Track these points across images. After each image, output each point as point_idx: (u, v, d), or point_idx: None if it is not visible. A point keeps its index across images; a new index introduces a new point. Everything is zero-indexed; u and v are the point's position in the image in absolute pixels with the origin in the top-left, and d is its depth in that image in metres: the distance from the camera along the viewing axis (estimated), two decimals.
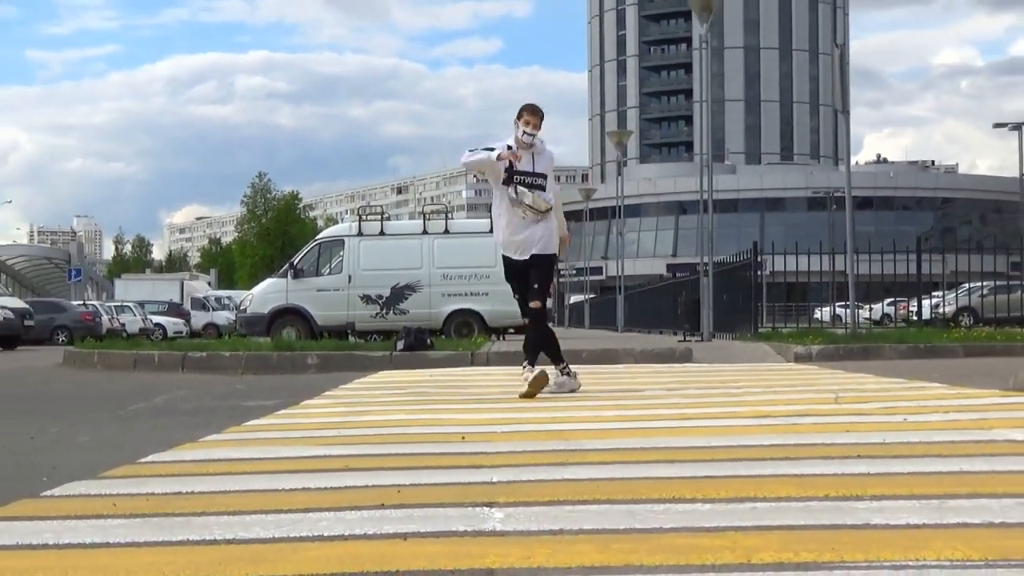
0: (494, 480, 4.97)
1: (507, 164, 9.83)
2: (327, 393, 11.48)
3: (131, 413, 9.92)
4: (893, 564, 3.21)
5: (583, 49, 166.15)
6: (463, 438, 6.74)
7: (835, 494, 4.40)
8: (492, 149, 9.87)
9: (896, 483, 4.68)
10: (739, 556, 3.33)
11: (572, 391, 10.29)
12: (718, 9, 30.86)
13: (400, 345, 17.91)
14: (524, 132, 9.65)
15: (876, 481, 4.76)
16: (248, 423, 8.29)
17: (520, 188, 9.72)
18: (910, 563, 3.21)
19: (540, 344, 10.59)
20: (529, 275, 10.17)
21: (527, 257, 10.10)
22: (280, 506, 4.37)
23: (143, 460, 6.04)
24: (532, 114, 9.83)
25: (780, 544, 3.47)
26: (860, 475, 4.95)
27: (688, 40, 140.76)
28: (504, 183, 9.78)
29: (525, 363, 10.30)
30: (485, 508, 4.21)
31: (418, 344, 17.94)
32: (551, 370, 10.43)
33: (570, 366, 10.69)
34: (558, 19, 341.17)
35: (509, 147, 9.82)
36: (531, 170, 9.78)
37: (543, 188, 9.92)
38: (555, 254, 10.47)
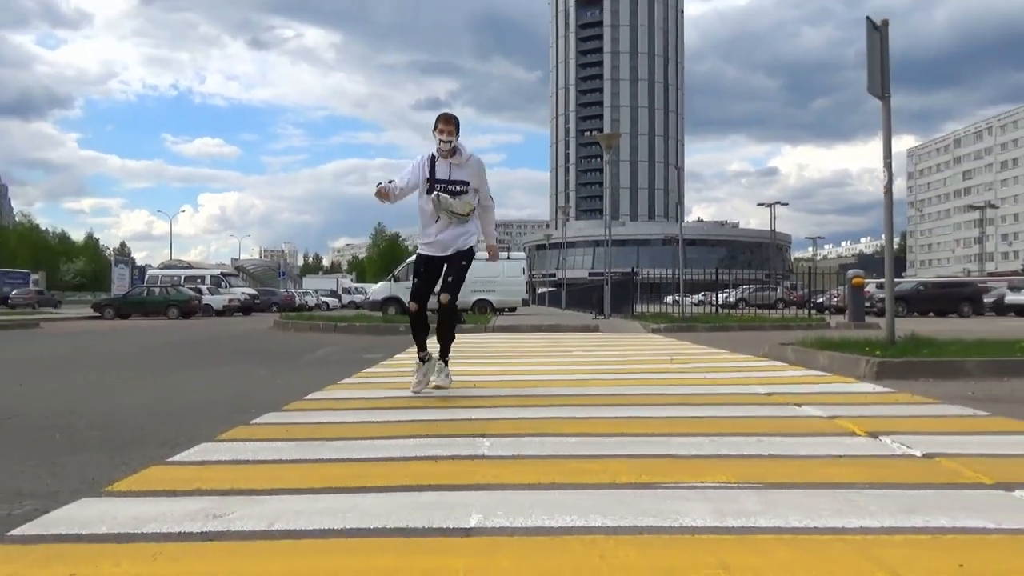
0: (486, 417, 4.70)
1: (427, 175, 6.22)
2: (408, 350, 11.15)
3: (305, 363, 9.63)
4: (688, 484, 3.07)
5: (547, 159, 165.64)
6: (475, 385, 6.59)
7: (662, 431, 4.10)
8: (391, 181, 6.19)
9: (696, 424, 4.40)
10: (610, 477, 3.18)
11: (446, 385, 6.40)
12: (617, 137, 30.82)
13: None
14: (440, 140, 6.10)
15: (685, 423, 4.44)
16: (366, 371, 8.10)
17: (442, 195, 6.16)
18: (696, 484, 3.09)
19: (446, 336, 6.56)
20: (445, 270, 6.38)
21: (447, 254, 6.35)
22: (376, 434, 4.15)
23: (308, 397, 5.77)
24: (446, 122, 6.20)
25: (630, 469, 3.34)
26: (677, 418, 4.64)
27: (601, 156, 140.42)
28: (427, 192, 6.20)
29: (426, 358, 6.35)
30: (480, 438, 4.01)
31: (456, 320, 17.80)
32: (439, 364, 6.50)
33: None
34: (535, 143, 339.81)
35: (433, 155, 6.21)
36: (448, 178, 6.21)
37: (464, 193, 6.25)
38: (471, 249, 6.47)
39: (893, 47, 8.82)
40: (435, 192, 6.08)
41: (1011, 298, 33.59)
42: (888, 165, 8.38)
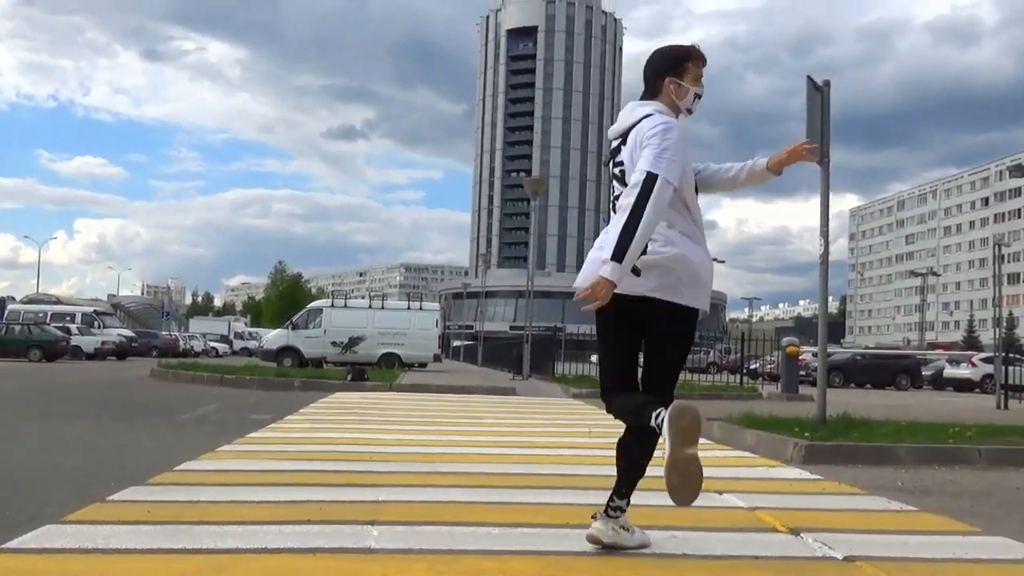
0: (379, 499, 4.58)
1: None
2: (301, 410, 10.92)
3: (181, 422, 9.35)
4: None
5: (469, 199, 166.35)
6: (371, 457, 6.50)
7: (569, 522, 3.96)
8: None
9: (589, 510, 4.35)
10: None
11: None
12: (546, 181, 31.33)
13: (349, 377, 17.60)
14: (694, 94, 3.59)
15: (594, 511, 4.30)
16: (250, 435, 7.88)
17: None
18: None
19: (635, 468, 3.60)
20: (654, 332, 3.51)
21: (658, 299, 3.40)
22: (252, 517, 3.98)
23: (179, 468, 5.55)
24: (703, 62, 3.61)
25: (530, 569, 3.30)
26: (587, 505, 4.34)
27: (528, 199, 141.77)
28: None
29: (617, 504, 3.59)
30: (369, 526, 3.89)
31: (359, 377, 17.62)
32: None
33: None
34: (457, 181, 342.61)
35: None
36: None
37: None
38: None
39: (837, 101, 9.20)
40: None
41: (950, 372, 34.89)
42: (824, 234, 8.69)
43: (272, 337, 29.93)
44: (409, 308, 29.87)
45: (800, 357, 22.30)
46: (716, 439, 8.66)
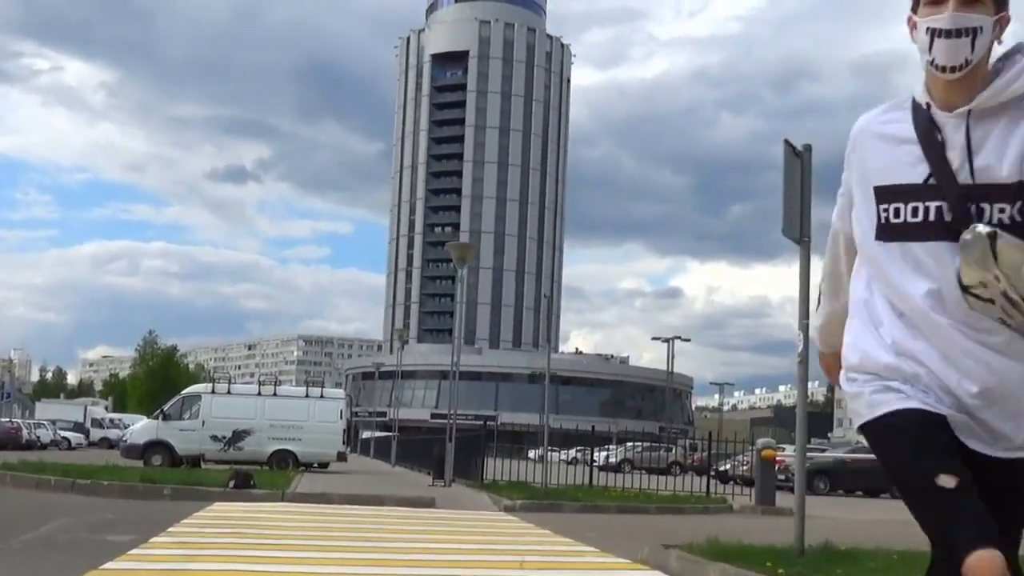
0: None
1: (925, 162, 2.42)
2: (171, 529, 10.66)
3: (17, 547, 8.96)
4: None
5: (383, 259, 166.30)
6: None
7: None
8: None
9: None
10: None
11: None
12: (477, 240, 31.57)
13: (232, 483, 17.40)
14: (934, 36, 2.38)
15: None
16: (105, 567, 7.69)
17: (1000, 234, 2.28)
18: None
19: None
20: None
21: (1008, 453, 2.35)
22: None
23: None
24: None
25: None
26: None
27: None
28: (888, 235, 2.48)
29: None
30: None
31: (244, 483, 17.42)
32: None
33: None
34: (370, 236, 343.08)
35: (920, 105, 2.48)
36: (987, 166, 2.36)
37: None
38: None
39: (825, 147, 9.23)
40: (969, 222, 2.40)
41: None
42: (805, 327, 8.94)
43: (138, 429, 29.65)
44: (308, 396, 29.70)
45: (778, 458, 22.63)
46: (675, 574, 8.74)
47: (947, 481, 2.24)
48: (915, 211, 2.46)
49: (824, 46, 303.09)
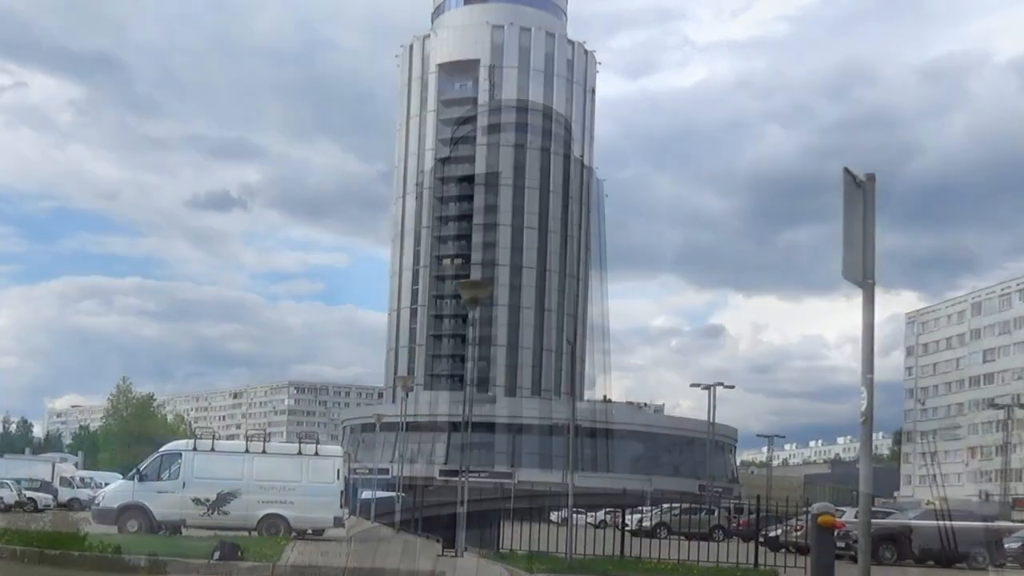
0: None
1: None
2: None
3: None
4: None
5: (385, 295, 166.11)
6: None
7: None
8: None
9: None
10: None
11: None
12: (492, 274, 31.73)
13: (217, 554, 17.59)
14: None
15: None
16: None
17: None
18: None
19: None
20: None
21: None
22: None
23: None
24: None
25: None
26: None
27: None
28: None
29: None
30: None
31: (231, 554, 17.61)
32: None
33: None
34: (370, 269, 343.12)
35: None
36: None
37: None
38: None
39: (887, 165, 9.40)
40: None
41: None
42: (869, 382, 9.06)
43: (112, 491, 29.77)
44: (301, 453, 29.79)
45: (839, 521, 22.62)
46: None
47: None
48: None
49: (887, 48, 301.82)
